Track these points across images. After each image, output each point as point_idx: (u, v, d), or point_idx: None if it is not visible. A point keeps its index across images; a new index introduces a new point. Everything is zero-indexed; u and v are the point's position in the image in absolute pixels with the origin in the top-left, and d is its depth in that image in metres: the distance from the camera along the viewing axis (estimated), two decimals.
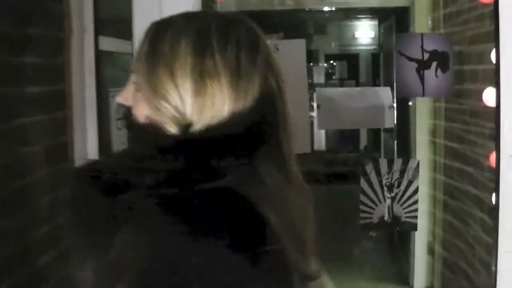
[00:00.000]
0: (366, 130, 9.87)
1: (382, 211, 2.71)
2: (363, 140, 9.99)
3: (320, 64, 11.93)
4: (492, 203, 2.43)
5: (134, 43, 2.02)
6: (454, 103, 3.29)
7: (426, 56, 2.42)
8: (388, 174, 2.67)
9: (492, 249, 2.48)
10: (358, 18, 10.09)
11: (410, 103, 4.62)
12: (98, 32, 2.22)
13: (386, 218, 2.71)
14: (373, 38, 10.13)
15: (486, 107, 2.71)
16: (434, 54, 2.41)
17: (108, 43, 2.31)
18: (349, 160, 9.32)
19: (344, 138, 9.96)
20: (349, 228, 5.97)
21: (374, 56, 9.75)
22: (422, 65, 2.42)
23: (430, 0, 4.12)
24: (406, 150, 5.06)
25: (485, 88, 2.68)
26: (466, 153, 3.02)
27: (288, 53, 2.27)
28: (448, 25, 3.39)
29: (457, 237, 3.27)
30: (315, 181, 7.27)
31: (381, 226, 2.73)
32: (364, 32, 10.34)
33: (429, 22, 4.26)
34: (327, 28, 10.16)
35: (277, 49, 2.22)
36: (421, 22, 4.23)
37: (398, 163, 2.69)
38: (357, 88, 2.90)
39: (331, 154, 9.55)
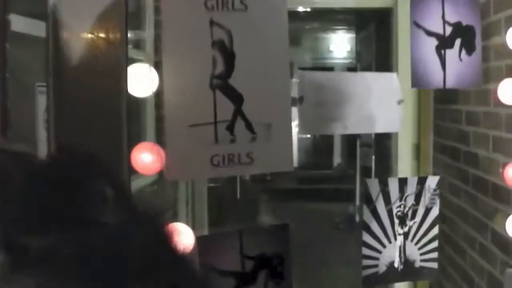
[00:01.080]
0: (340, 144, 9.51)
1: (391, 254, 1.97)
2: (337, 156, 9.61)
3: (294, 80, 11.55)
4: (502, 230, 2.01)
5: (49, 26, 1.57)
6: (445, 107, 2.87)
7: (449, 30, 1.82)
8: (400, 200, 1.93)
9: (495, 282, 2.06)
10: (334, 30, 9.78)
11: None
12: (6, 7, 1.74)
13: (396, 264, 1.96)
14: (349, 52, 9.83)
15: (487, 112, 2.30)
16: (458, 28, 1.83)
17: (22, 24, 1.83)
18: (323, 177, 8.95)
19: (317, 154, 9.56)
20: (324, 249, 5.58)
21: (350, 70, 9.43)
22: (443, 43, 1.81)
23: None
24: (387, 166, 4.67)
25: (486, 89, 2.26)
26: (463, 169, 2.60)
27: (261, 14, 1.61)
28: None
29: (451, 265, 2.83)
30: (290, 199, 6.82)
31: (390, 278, 2.00)
32: (340, 45, 10.03)
33: None
34: (301, 40, 9.81)
35: (245, 6, 1.57)
36: (407, 25, 3.84)
37: (412, 183, 1.96)
38: (358, 74, 1.97)
39: (303, 171, 9.16)
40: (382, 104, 1.90)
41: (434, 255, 2.04)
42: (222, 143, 1.61)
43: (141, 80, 1.55)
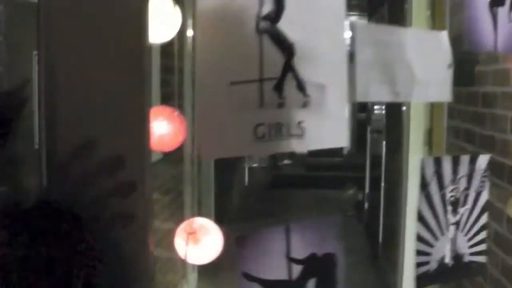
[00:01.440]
0: (350, 130, 9.38)
1: (443, 248, 1.69)
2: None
3: None
4: None
5: None
6: (460, 89, 2.76)
7: None
8: (453, 182, 1.65)
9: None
10: (346, 16, 9.62)
11: None
12: None
13: (447, 260, 1.70)
14: None
15: (506, 92, 2.19)
16: None
17: None
18: (333, 164, 8.85)
19: None
20: None
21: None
22: None
23: None
24: (397, 153, 4.56)
25: (505, 68, 2.15)
26: (478, 152, 2.49)
27: None
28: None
29: None
30: (299, 186, 6.71)
31: (442, 276, 1.70)
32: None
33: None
34: None
35: None
36: (420, 7, 3.71)
37: (465, 163, 1.68)
38: (410, 29, 1.66)
39: (312, 158, 9.06)
40: (433, 67, 1.59)
41: (483, 247, 1.80)
42: (269, 107, 1.21)
43: (161, 20, 1.15)
